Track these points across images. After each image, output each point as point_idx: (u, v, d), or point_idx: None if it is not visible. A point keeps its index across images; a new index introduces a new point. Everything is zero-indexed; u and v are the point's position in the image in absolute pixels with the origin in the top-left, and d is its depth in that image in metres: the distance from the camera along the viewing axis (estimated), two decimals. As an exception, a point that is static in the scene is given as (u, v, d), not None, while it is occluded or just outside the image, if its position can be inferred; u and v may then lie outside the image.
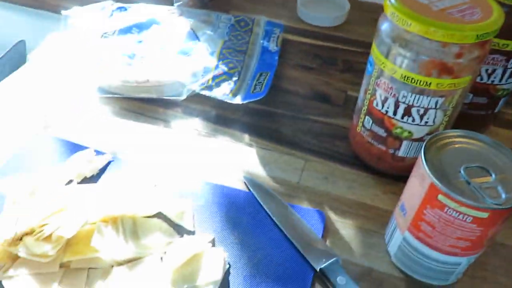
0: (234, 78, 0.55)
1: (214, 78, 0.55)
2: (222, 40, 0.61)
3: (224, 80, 0.55)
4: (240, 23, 0.64)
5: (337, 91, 0.60)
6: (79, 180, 0.45)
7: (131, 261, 0.39)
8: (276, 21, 0.66)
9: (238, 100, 0.53)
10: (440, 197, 0.33)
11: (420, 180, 0.35)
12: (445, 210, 0.33)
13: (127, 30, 0.60)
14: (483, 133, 0.54)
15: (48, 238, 0.38)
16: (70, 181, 0.45)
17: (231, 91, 0.54)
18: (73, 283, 0.37)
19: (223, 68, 0.56)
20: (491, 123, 0.54)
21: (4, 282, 0.37)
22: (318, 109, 0.57)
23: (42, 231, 0.38)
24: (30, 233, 0.38)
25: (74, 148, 0.49)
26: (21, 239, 0.38)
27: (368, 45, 0.47)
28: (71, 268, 0.38)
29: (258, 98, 0.54)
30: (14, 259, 0.38)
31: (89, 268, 0.38)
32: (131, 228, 0.40)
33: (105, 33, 0.60)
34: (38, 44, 0.59)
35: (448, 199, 0.33)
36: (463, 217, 0.33)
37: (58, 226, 0.38)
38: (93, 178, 0.46)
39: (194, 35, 0.60)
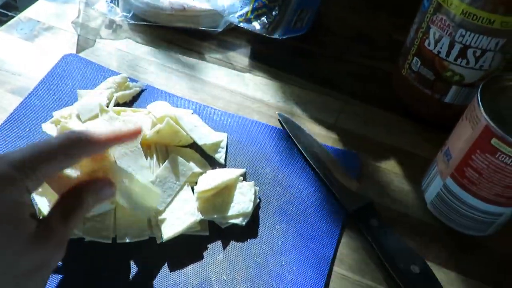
0: (274, 12, 0.52)
1: (253, 10, 0.52)
2: None
3: (263, 14, 0.52)
4: None
5: (383, 34, 0.56)
6: (113, 105, 0.45)
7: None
8: None
9: (277, 35, 0.50)
10: (493, 141, 0.31)
11: (473, 122, 0.32)
12: (497, 155, 0.31)
13: None
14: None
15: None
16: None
17: (270, 24, 0.51)
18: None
19: (263, 0, 0.53)
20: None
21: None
22: (361, 52, 0.54)
23: None
24: None
25: (106, 72, 0.48)
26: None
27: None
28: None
29: (298, 35, 0.51)
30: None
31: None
32: (164, 155, 0.40)
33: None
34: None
35: (502, 143, 0.30)
36: (516, 164, 0.31)
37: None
38: (126, 105, 0.45)
39: None
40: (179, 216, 0.36)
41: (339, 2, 0.60)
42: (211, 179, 0.38)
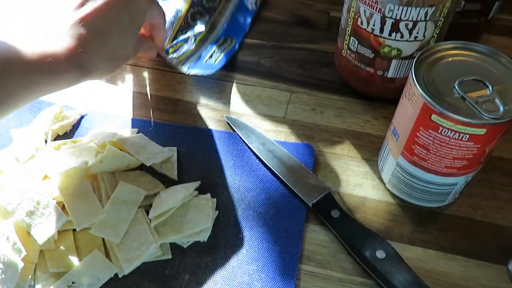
0: (192, 41, 0.48)
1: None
2: None
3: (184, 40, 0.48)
4: None
5: (320, 13, 0.55)
6: (52, 139, 0.43)
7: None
8: None
9: (185, 69, 0.46)
10: (433, 117, 0.31)
11: (412, 100, 0.32)
12: (440, 130, 0.31)
13: None
14: (476, 43, 0.50)
15: None
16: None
17: (183, 54, 0.47)
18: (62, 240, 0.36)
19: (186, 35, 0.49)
20: (485, 31, 0.51)
21: None
22: (300, 36, 0.53)
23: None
24: None
25: (40, 104, 0.45)
26: None
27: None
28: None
29: (208, 73, 0.46)
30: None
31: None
32: (113, 184, 0.38)
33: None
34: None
35: (442, 118, 0.30)
36: (458, 136, 0.31)
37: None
38: (67, 136, 0.43)
39: None
40: (137, 246, 0.35)
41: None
42: (165, 200, 0.37)
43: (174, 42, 0.48)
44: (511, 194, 0.39)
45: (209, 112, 0.46)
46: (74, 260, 0.35)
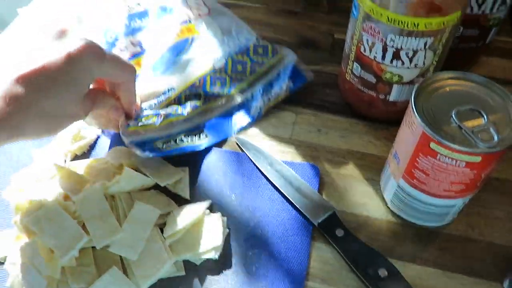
0: (160, 119, 0.45)
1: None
2: (210, 66, 0.48)
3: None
4: (258, 50, 0.49)
5: (324, 35, 0.57)
6: (70, 159, 0.45)
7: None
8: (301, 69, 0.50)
9: (126, 141, 0.43)
10: (432, 145, 0.33)
11: (412, 128, 0.34)
12: (438, 157, 0.33)
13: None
14: (475, 66, 0.52)
15: None
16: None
17: (139, 125, 0.44)
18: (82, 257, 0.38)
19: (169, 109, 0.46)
20: (483, 54, 0.53)
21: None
22: (305, 57, 0.55)
23: None
24: None
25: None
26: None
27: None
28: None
29: (146, 155, 0.42)
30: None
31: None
32: (129, 203, 0.40)
33: None
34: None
35: (440, 146, 0.32)
36: (456, 163, 0.33)
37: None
38: (85, 156, 0.46)
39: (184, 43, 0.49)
40: (153, 263, 0.37)
41: (274, 7, 0.60)
42: (178, 219, 0.39)
43: (152, 112, 0.45)
44: (507, 214, 0.41)
45: (219, 132, 0.48)
46: (94, 276, 0.37)
